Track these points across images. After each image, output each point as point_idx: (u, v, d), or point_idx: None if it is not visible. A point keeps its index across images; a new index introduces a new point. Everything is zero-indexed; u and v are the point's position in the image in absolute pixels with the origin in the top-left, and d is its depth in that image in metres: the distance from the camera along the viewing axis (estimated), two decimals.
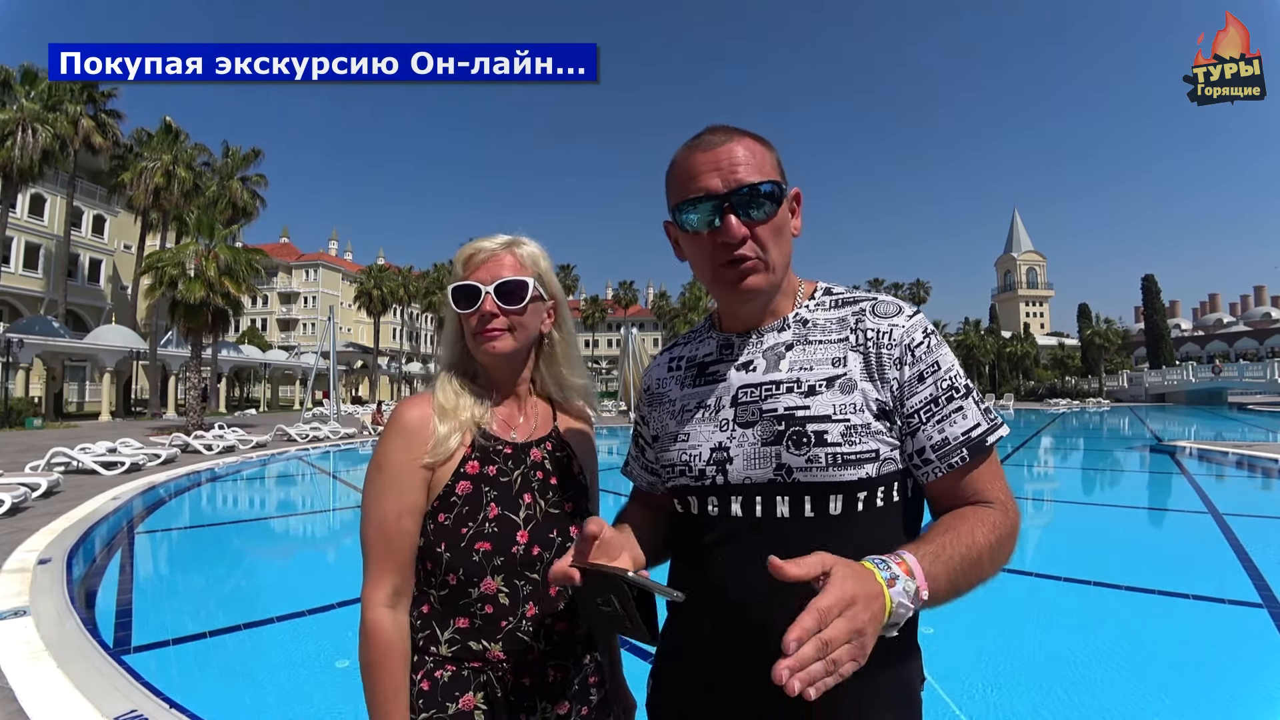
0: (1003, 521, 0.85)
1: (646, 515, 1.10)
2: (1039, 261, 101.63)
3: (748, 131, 0.94)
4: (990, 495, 0.88)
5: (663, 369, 1.11)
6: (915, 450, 0.89)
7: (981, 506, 0.87)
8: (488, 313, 1.10)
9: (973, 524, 0.83)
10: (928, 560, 0.75)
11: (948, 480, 0.89)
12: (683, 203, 0.91)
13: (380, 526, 1.05)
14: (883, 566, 0.72)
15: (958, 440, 0.87)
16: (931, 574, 0.75)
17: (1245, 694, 3.30)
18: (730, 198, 0.88)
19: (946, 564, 0.77)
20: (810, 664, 0.61)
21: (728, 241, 0.89)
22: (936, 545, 0.78)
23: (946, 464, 0.88)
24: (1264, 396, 46.96)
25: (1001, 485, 0.90)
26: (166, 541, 7.28)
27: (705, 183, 0.89)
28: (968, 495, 0.89)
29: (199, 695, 3.09)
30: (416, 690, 1.03)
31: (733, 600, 0.89)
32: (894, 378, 0.89)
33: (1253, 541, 5.96)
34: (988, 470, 0.89)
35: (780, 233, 0.92)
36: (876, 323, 0.92)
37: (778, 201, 0.90)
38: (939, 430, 0.88)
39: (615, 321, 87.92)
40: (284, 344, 61.03)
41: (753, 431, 0.91)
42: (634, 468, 1.18)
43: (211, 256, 20.57)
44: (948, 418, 0.88)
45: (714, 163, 0.89)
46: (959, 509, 0.87)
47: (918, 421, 0.88)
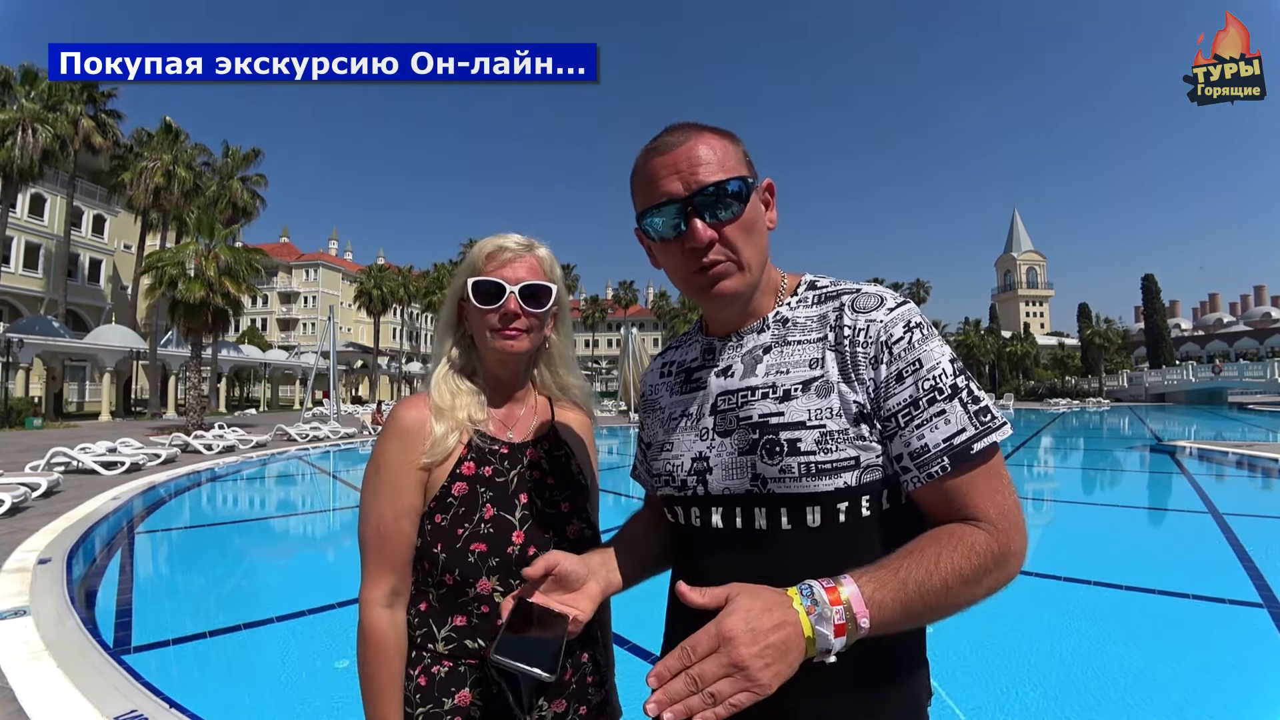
0: (987, 546, 0.74)
1: (650, 524, 1.09)
2: (1039, 261, 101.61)
3: (707, 126, 0.89)
4: (980, 512, 0.77)
5: (656, 374, 1.09)
6: (894, 457, 0.82)
7: (966, 526, 0.77)
8: (511, 312, 1.09)
9: (943, 547, 0.74)
10: (872, 586, 0.70)
11: (929, 491, 0.80)
12: (645, 210, 0.87)
13: (378, 527, 1.05)
14: (806, 594, 0.69)
15: (938, 448, 0.78)
16: (876, 600, 0.69)
17: (1245, 694, 3.30)
18: (692, 200, 0.83)
19: (898, 591, 0.70)
20: (684, 698, 0.62)
21: (695, 247, 0.84)
22: (889, 570, 0.72)
23: (925, 474, 0.79)
24: (1264, 396, 46.94)
25: (998, 501, 0.78)
26: (166, 541, 7.28)
27: (666, 187, 0.84)
28: (955, 509, 0.79)
29: (199, 695, 3.09)
30: (414, 686, 1.03)
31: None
32: (870, 378, 0.82)
33: (1253, 541, 5.96)
34: (981, 482, 0.78)
35: (752, 230, 0.86)
36: (854, 318, 0.85)
37: (744, 198, 0.85)
38: (918, 436, 0.79)
39: (615, 321, 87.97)
40: (284, 344, 61.03)
41: (730, 440, 0.88)
42: (640, 471, 1.15)
43: (211, 256, 20.58)
44: (928, 422, 0.79)
45: (673, 165, 0.84)
46: (939, 528, 0.78)
47: (895, 426, 0.81)
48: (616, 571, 0.98)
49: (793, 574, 0.78)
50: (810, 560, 0.81)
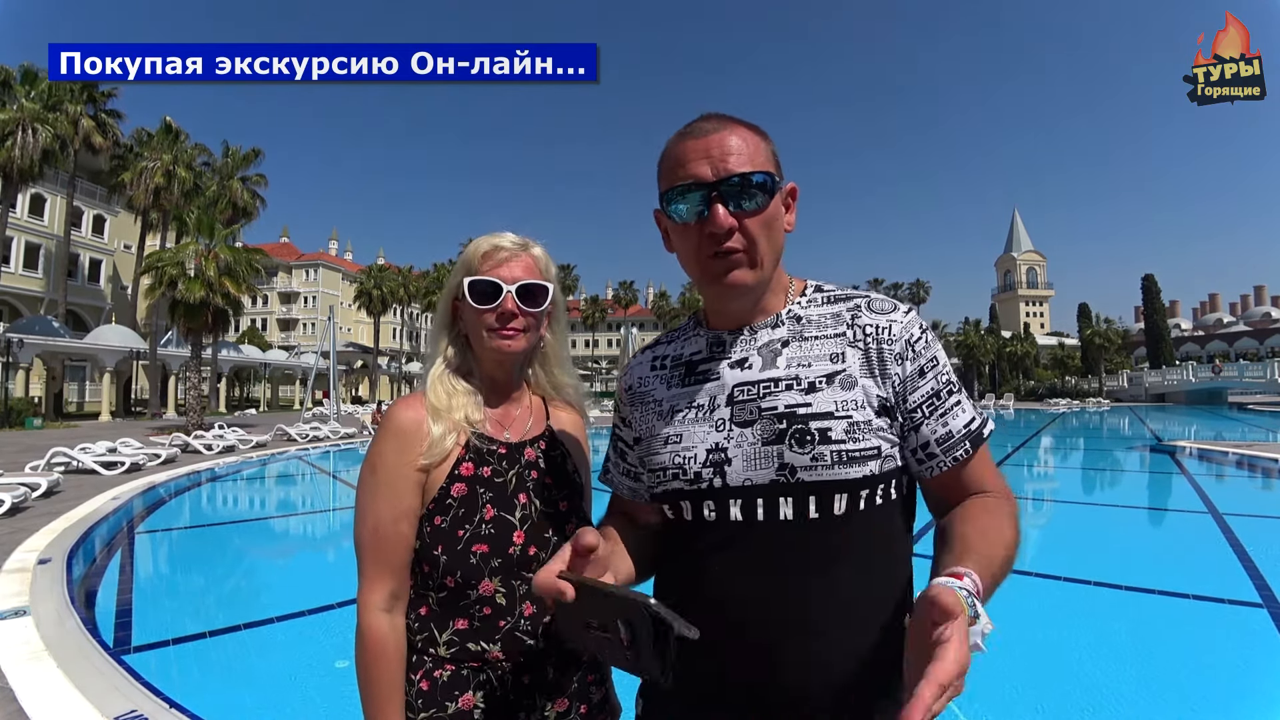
0: (1013, 512, 0.87)
1: (626, 529, 1.02)
2: (1039, 261, 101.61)
3: (743, 121, 0.90)
4: (991, 484, 0.90)
5: (645, 368, 1.04)
6: (920, 445, 0.88)
7: (990, 498, 0.88)
8: (508, 312, 1.09)
9: (1000, 521, 0.83)
10: (986, 579, 0.72)
11: (951, 474, 0.89)
12: (670, 190, 0.88)
13: (375, 531, 1.04)
14: (970, 603, 0.66)
15: (960, 433, 0.88)
16: (985, 594, 0.72)
17: (1245, 694, 3.30)
18: (719, 186, 0.84)
19: (991, 574, 0.74)
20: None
21: (714, 232, 0.85)
22: (985, 558, 0.75)
23: (951, 457, 0.88)
24: (1264, 396, 46.92)
25: (997, 473, 0.92)
26: (166, 541, 7.28)
27: (694, 170, 0.86)
28: (970, 487, 0.89)
29: (199, 695, 3.08)
30: (415, 690, 1.02)
31: (730, 609, 0.85)
32: (896, 373, 0.88)
33: (1253, 541, 5.96)
34: (984, 459, 0.91)
35: (771, 227, 0.88)
36: (875, 319, 0.91)
37: (770, 194, 0.87)
38: (943, 424, 0.88)
39: (615, 321, 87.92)
40: (284, 344, 61.00)
41: (752, 431, 0.87)
42: (614, 474, 1.09)
43: (211, 256, 20.57)
44: (950, 411, 0.88)
45: (704, 150, 0.86)
46: (978, 503, 0.87)
47: (921, 416, 0.88)
48: (630, 564, 0.95)
49: (813, 563, 0.83)
50: (829, 549, 0.84)
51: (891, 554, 0.90)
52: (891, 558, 0.89)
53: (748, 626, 0.84)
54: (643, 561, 0.98)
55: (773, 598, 0.84)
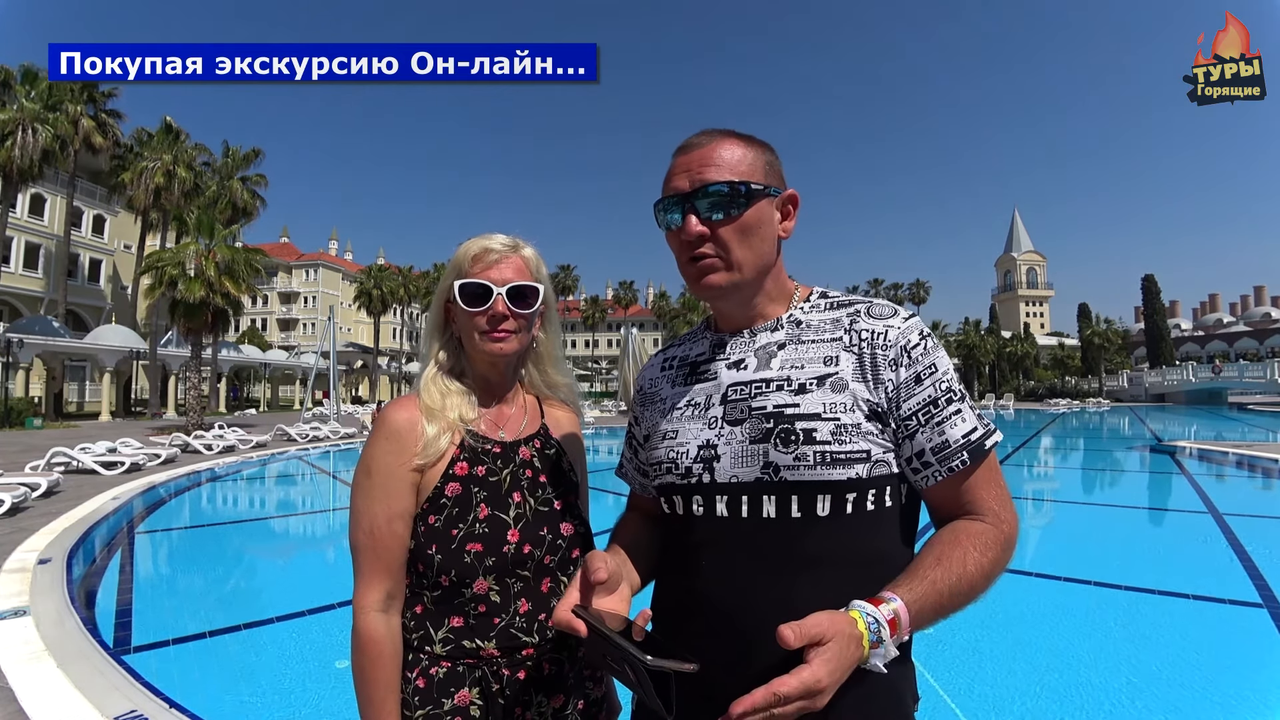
0: (996, 539, 0.84)
1: (643, 525, 1.08)
2: (1039, 261, 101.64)
3: (738, 134, 0.95)
4: (986, 505, 0.87)
5: (656, 369, 1.10)
6: (915, 453, 0.87)
7: (975, 522, 0.86)
8: (499, 314, 1.09)
9: (965, 549, 0.82)
10: (917, 606, 0.77)
11: (946, 485, 0.87)
12: (658, 202, 0.95)
13: (370, 531, 1.04)
14: (873, 628, 0.73)
15: (958, 443, 0.86)
16: (918, 620, 0.77)
17: (1245, 694, 3.30)
18: (692, 198, 0.90)
19: (935, 602, 0.78)
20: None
21: (686, 240, 0.91)
22: (926, 582, 0.79)
23: (947, 468, 0.86)
24: (1264, 396, 46.93)
25: (998, 494, 0.88)
26: (166, 541, 7.27)
27: (675, 183, 0.92)
28: (964, 503, 0.87)
29: (199, 695, 3.09)
30: (412, 688, 1.03)
31: (718, 604, 0.87)
32: (889, 379, 0.87)
33: (1253, 541, 5.97)
34: (986, 477, 0.88)
35: (748, 233, 0.90)
36: (871, 324, 0.91)
37: (744, 202, 0.89)
38: (939, 433, 0.86)
39: (615, 321, 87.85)
40: (284, 344, 61.04)
41: (741, 429, 0.90)
42: (629, 470, 1.16)
43: (211, 256, 20.55)
44: (947, 420, 0.86)
45: (687, 165, 0.91)
46: (954, 526, 0.86)
47: (916, 424, 0.87)
48: (635, 572, 0.99)
49: (795, 564, 0.84)
50: (815, 551, 0.85)
51: (884, 562, 0.86)
52: (884, 566, 0.85)
53: (734, 621, 0.86)
54: (652, 557, 1.03)
55: (754, 593, 0.85)
